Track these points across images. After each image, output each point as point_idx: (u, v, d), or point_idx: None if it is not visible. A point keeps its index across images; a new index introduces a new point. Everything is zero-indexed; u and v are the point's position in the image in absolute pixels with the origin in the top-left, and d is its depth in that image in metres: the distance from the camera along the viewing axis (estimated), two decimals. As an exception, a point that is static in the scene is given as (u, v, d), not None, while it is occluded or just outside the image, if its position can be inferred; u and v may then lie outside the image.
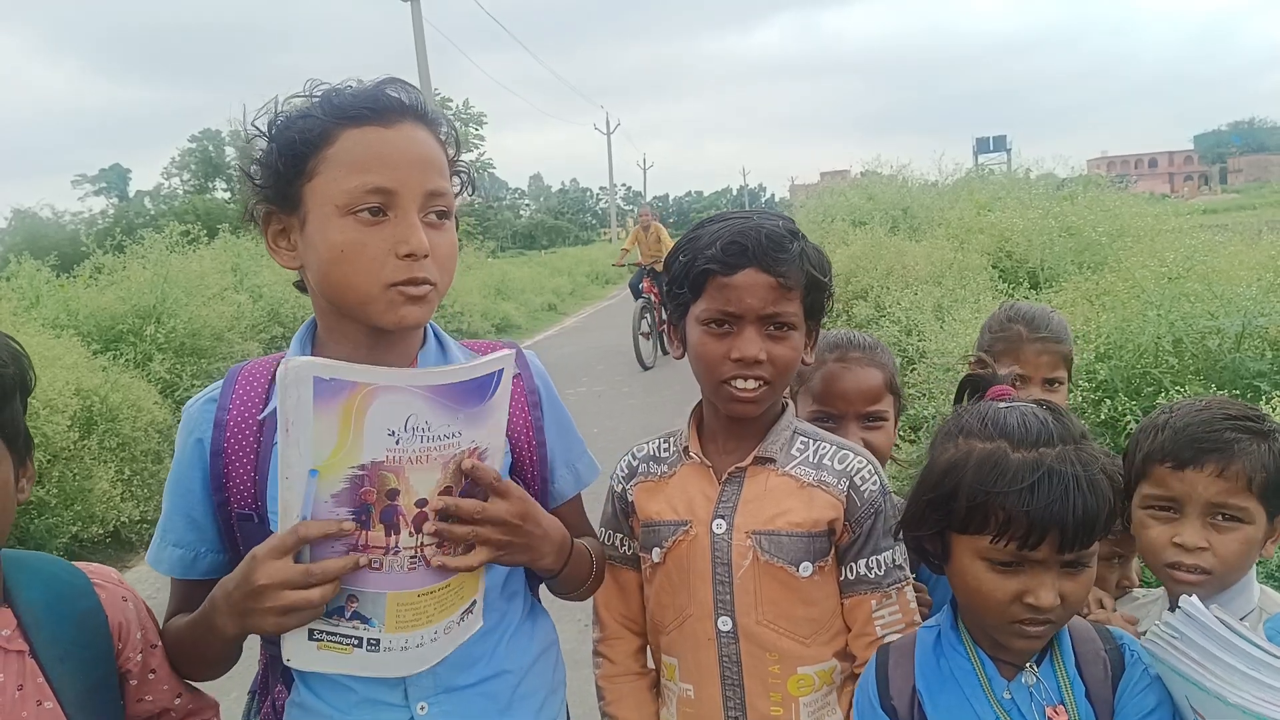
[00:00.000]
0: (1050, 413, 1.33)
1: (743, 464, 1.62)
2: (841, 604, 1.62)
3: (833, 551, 1.60)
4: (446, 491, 1.26)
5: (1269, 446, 1.47)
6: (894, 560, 1.60)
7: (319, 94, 1.36)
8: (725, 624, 1.59)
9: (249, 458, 1.38)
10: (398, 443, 1.20)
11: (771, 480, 1.61)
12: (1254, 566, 1.54)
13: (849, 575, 1.60)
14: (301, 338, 1.45)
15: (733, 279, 1.53)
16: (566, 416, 1.62)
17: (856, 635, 1.61)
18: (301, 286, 1.46)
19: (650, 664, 1.78)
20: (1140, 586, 1.88)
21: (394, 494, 1.22)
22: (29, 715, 1.22)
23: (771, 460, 1.62)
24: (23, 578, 1.29)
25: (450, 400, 1.22)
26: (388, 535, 1.23)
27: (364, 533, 1.22)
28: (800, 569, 1.57)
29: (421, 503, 1.24)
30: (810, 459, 1.62)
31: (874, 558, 1.59)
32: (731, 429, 1.65)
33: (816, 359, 2.00)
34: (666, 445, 1.73)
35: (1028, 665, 1.34)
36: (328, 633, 1.27)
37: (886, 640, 1.56)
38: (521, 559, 1.39)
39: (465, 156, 1.47)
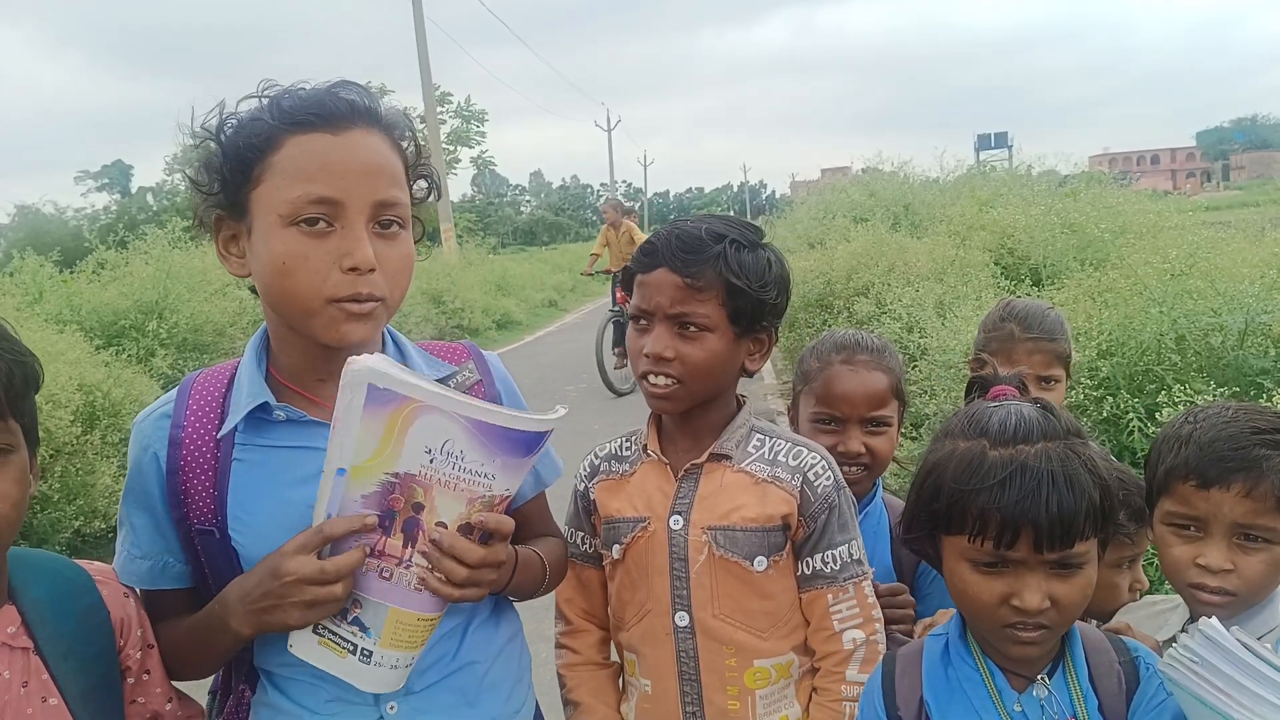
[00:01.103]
0: (1039, 411, 1.31)
1: (698, 460, 1.64)
2: (799, 598, 1.63)
3: (789, 546, 1.62)
4: (466, 528, 1.27)
5: None
6: (850, 554, 1.61)
7: (270, 96, 1.31)
8: (682, 619, 1.61)
9: (208, 474, 1.36)
10: (431, 462, 1.23)
11: (727, 476, 1.63)
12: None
13: (805, 570, 1.62)
14: (255, 348, 1.42)
15: (648, 277, 1.59)
16: None
17: (815, 630, 1.63)
18: (256, 291, 1.43)
19: (613, 657, 1.79)
20: (1148, 590, 1.86)
21: (419, 508, 1.26)
22: (34, 712, 1.22)
23: (727, 457, 1.64)
24: (28, 575, 1.29)
25: (488, 440, 1.24)
26: (404, 546, 1.26)
27: (384, 539, 1.25)
28: (755, 563, 1.59)
29: (441, 525, 1.27)
30: (766, 455, 1.64)
31: (829, 552, 1.61)
32: (687, 427, 1.67)
33: (823, 360, 1.99)
34: (628, 444, 1.75)
35: (1039, 677, 1.31)
36: (330, 631, 1.29)
37: (844, 633, 1.58)
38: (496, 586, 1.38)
39: (466, 152, 1.44)
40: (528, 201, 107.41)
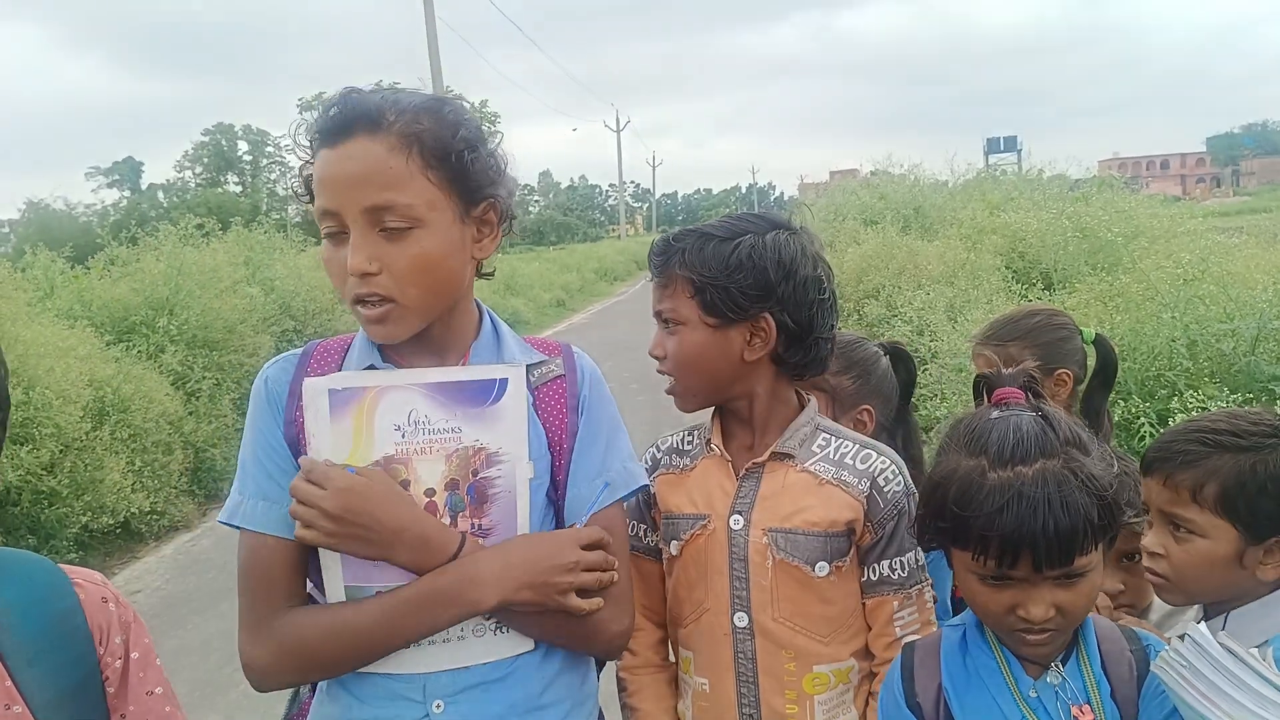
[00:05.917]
0: (1038, 423, 1.31)
1: (760, 459, 1.61)
2: (863, 604, 1.61)
3: (853, 551, 1.59)
4: (452, 484, 1.35)
5: (1240, 460, 1.41)
6: (917, 561, 1.60)
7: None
8: (741, 620, 1.58)
9: None
10: (403, 436, 1.34)
11: (790, 476, 1.60)
12: None
13: (871, 576, 1.60)
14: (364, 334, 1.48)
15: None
16: (602, 424, 1.51)
17: (876, 635, 1.61)
18: None
19: (671, 657, 1.77)
20: None
21: (405, 484, 1.33)
22: None
23: (790, 456, 1.61)
24: None
25: (445, 397, 1.35)
26: None
27: None
28: (816, 569, 1.56)
29: (430, 492, 1.35)
30: (831, 456, 1.61)
31: (898, 559, 1.58)
32: (751, 424, 1.65)
33: None
34: (690, 438, 1.73)
35: (1053, 664, 1.34)
36: None
37: (903, 640, 1.55)
38: (362, 551, 1.32)
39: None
40: (536, 201, 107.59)
